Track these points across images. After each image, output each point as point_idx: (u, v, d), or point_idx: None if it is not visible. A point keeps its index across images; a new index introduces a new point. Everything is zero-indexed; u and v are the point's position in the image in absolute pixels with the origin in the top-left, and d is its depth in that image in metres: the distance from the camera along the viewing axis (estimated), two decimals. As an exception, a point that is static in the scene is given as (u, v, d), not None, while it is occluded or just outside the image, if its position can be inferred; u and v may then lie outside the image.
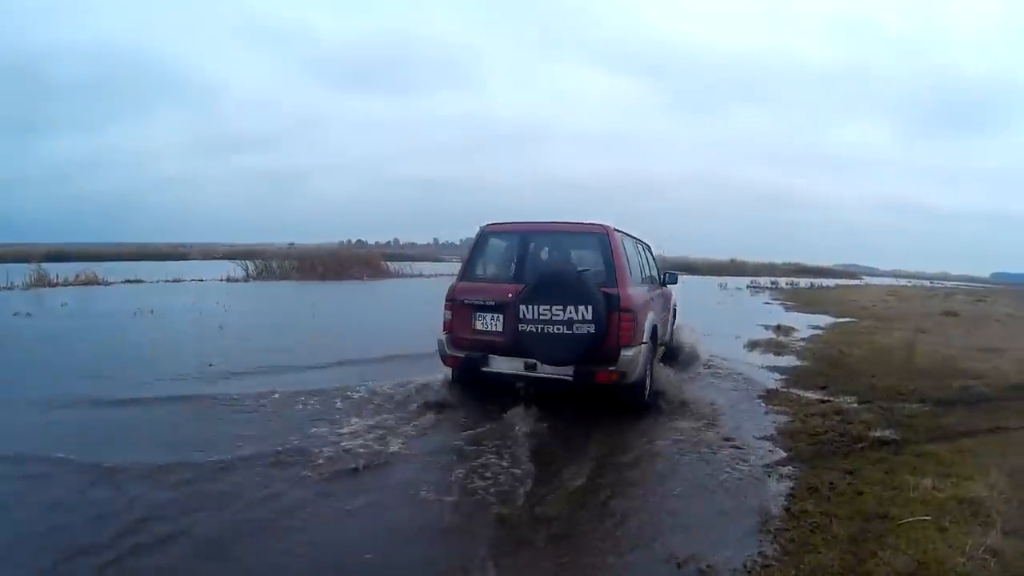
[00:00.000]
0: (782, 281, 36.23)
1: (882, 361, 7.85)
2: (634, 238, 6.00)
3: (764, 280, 35.84)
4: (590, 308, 4.26)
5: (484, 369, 4.79)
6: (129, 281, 18.27)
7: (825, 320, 14.48)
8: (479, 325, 4.83)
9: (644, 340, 4.78)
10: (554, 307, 4.29)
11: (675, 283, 7.26)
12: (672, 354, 7.33)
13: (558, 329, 4.29)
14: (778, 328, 12.00)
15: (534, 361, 4.53)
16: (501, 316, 4.72)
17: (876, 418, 5.16)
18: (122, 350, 7.53)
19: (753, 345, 9.88)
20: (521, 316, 4.42)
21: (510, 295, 4.62)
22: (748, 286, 30.79)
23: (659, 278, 6.82)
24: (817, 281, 39.79)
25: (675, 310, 7.85)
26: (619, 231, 5.21)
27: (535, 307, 4.34)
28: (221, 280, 19.88)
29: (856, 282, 50.17)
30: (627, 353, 4.51)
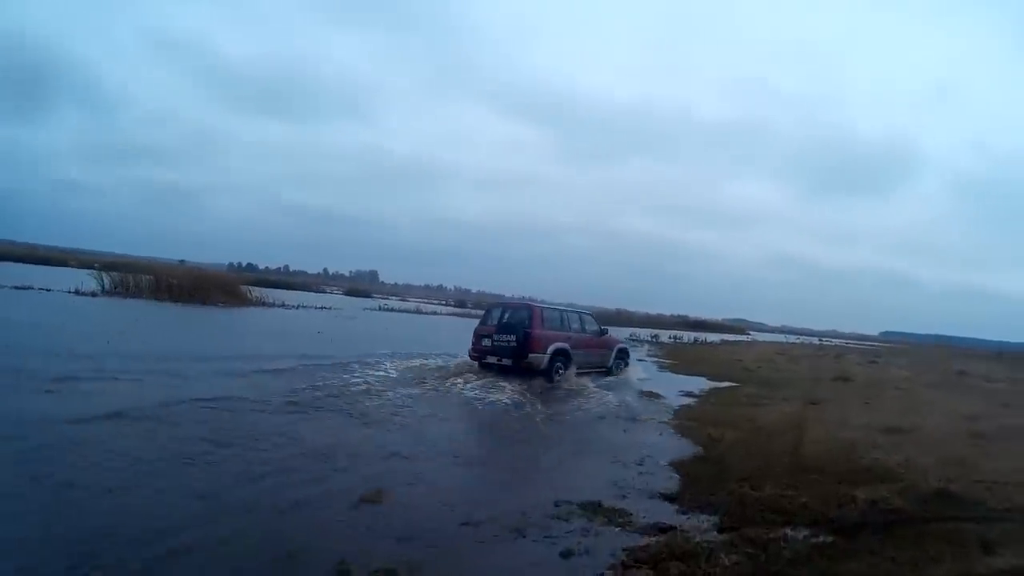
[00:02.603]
0: (665, 335, 36.55)
1: (762, 451, 6.28)
2: (561, 309, 13.10)
3: (645, 333, 35.82)
4: (514, 336, 11.44)
5: (484, 361, 11.92)
6: (-33, 282, 18.31)
7: (702, 384, 13.32)
8: (483, 343, 12.00)
9: (547, 352, 11.46)
10: (504, 335, 11.66)
11: (606, 333, 13.76)
12: None
13: (505, 344, 11.55)
14: (642, 395, 10.61)
15: (500, 357, 11.61)
16: (490, 339, 11.88)
17: (739, 566, 3.42)
18: None
19: (599, 419, 8.26)
20: (495, 339, 11.81)
21: (493, 331, 12.01)
22: (627, 339, 30.45)
23: (598, 329, 13.29)
24: (703, 336, 40.96)
25: (619, 350, 13.88)
26: (540, 305, 12.98)
27: (498, 335, 11.77)
28: (70, 292, 19.80)
29: (743, 337, 53.00)
30: (533, 355, 11.33)
